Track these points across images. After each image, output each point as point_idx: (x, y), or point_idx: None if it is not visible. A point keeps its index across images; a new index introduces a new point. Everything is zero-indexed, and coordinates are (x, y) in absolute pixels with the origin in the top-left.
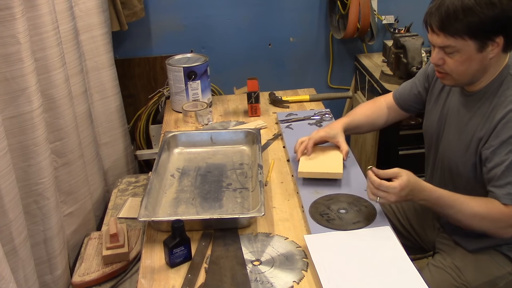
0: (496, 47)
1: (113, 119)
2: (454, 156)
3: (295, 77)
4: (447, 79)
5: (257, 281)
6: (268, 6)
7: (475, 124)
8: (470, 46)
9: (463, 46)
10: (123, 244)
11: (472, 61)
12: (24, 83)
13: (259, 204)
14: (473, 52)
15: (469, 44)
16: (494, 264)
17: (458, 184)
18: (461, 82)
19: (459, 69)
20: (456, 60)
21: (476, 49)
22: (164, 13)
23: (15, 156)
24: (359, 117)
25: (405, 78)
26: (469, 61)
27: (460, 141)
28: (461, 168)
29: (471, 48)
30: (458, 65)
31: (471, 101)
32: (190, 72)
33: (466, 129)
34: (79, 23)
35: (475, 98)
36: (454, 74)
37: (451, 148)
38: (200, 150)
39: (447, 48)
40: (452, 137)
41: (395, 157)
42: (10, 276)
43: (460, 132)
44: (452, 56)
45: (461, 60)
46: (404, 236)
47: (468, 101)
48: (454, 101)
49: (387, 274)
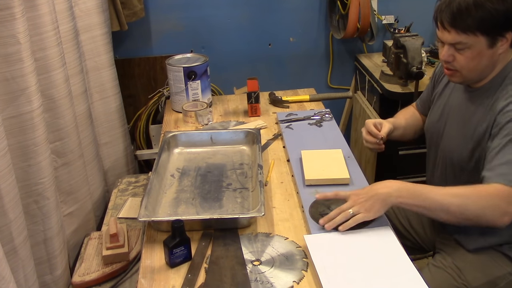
0: (506, 43)
1: (113, 119)
2: (457, 151)
3: (295, 77)
4: (456, 76)
5: (257, 281)
6: (268, 6)
7: (478, 118)
8: (481, 42)
9: (474, 42)
10: (123, 244)
11: (483, 57)
12: (24, 83)
13: (259, 204)
14: (484, 48)
15: (480, 40)
16: (494, 264)
17: (460, 180)
18: (469, 79)
19: (469, 65)
20: (466, 57)
21: (487, 45)
22: (164, 13)
23: (15, 156)
24: (401, 120)
25: (405, 78)
26: (480, 57)
27: (463, 135)
28: (463, 162)
29: (482, 44)
30: (469, 61)
31: (474, 96)
32: (190, 72)
33: (469, 123)
34: (79, 23)
35: (478, 93)
36: (464, 71)
37: (453, 143)
38: (200, 150)
39: (458, 45)
40: (454, 133)
41: (395, 157)
42: (10, 276)
43: (463, 126)
44: (463, 53)
45: (472, 56)
46: (404, 236)
47: (471, 96)
48: (456, 98)
49: (387, 274)
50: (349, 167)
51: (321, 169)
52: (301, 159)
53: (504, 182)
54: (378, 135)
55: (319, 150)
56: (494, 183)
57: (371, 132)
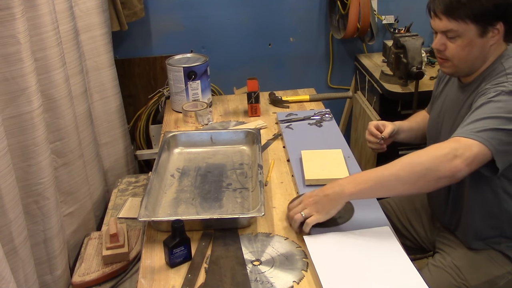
0: (497, 34)
1: (113, 119)
2: None
3: (295, 77)
4: (447, 66)
5: (257, 281)
6: (268, 6)
7: (465, 111)
8: (471, 31)
9: (465, 30)
10: (123, 244)
11: (473, 46)
12: (24, 83)
13: (259, 204)
14: (474, 36)
15: (471, 29)
16: (493, 264)
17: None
18: (461, 69)
19: (460, 54)
20: (457, 45)
21: (477, 33)
22: (164, 13)
23: (15, 156)
24: (409, 122)
25: (405, 78)
26: (470, 46)
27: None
28: None
29: (472, 32)
30: (460, 50)
31: (466, 91)
32: (190, 72)
33: (457, 119)
34: (79, 23)
35: (469, 88)
36: (455, 60)
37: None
38: (200, 150)
39: (449, 33)
40: (449, 129)
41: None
42: (10, 276)
43: (452, 123)
44: (454, 41)
45: (463, 45)
46: (404, 236)
47: (463, 91)
48: (452, 94)
49: (387, 274)
50: (349, 167)
51: (321, 169)
52: (301, 159)
53: (464, 135)
54: (377, 135)
55: (319, 150)
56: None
57: (372, 133)
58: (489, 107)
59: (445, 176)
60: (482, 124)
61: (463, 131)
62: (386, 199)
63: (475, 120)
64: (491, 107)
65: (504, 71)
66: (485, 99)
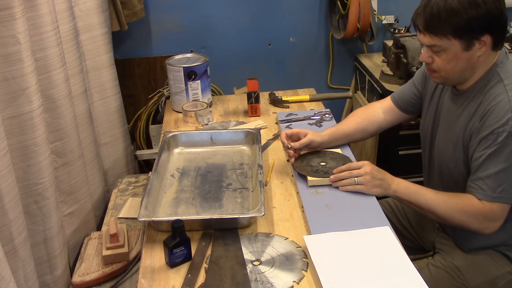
0: (484, 46)
1: (113, 119)
2: (444, 155)
3: (295, 77)
4: (436, 77)
5: (257, 281)
6: (268, 6)
7: (462, 122)
8: (455, 45)
9: (449, 45)
10: (123, 244)
11: (459, 59)
12: (24, 83)
13: (259, 204)
14: (459, 51)
15: (454, 44)
16: (493, 264)
17: (457, 182)
18: (450, 80)
19: (446, 67)
20: (443, 59)
21: (462, 48)
22: (164, 13)
23: (15, 156)
24: (347, 126)
25: (405, 78)
26: (456, 59)
27: (449, 140)
28: (451, 167)
29: (456, 47)
30: (445, 63)
31: (460, 99)
32: (190, 72)
33: (454, 128)
34: (79, 23)
35: (463, 97)
36: (442, 72)
37: (441, 148)
38: (200, 150)
39: (434, 47)
40: (443, 135)
41: (395, 157)
42: (10, 276)
43: (448, 130)
44: (440, 55)
45: (448, 59)
46: (404, 236)
47: (457, 99)
48: (446, 100)
49: (387, 274)
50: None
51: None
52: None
53: (481, 197)
54: (284, 144)
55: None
56: (474, 196)
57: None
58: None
59: (477, 231)
60: (501, 180)
61: (486, 191)
62: (386, 199)
63: (493, 175)
64: (505, 154)
65: (501, 80)
66: (494, 146)
